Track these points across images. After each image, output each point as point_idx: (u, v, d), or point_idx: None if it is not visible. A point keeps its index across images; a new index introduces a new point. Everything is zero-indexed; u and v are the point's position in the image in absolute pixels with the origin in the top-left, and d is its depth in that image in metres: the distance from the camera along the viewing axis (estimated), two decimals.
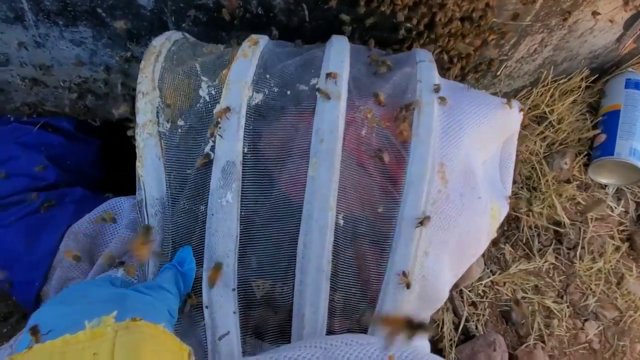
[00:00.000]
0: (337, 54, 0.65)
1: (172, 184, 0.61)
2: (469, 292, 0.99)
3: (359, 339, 0.50)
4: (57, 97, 0.90)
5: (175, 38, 0.69)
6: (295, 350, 0.46)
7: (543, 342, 0.96)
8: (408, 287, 0.56)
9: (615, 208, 1.13)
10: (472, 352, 0.89)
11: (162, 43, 0.68)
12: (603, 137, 1.11)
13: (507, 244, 1.07)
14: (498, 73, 1.02)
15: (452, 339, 0.92)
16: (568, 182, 1.14)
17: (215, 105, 0.61)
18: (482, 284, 1.01)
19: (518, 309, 1.00)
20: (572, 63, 1.15)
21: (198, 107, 0.62)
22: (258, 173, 0.59)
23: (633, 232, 1.13)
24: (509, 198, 0.71)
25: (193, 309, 0.60)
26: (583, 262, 1.06)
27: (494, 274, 1.02)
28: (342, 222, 0.57)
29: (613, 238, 1.10)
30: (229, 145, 0.58)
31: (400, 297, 0.57)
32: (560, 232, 1.10)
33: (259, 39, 0.67)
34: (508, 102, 0.66)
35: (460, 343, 0.92)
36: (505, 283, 1.03)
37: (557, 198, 1.10)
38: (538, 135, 1.14)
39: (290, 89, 0.62)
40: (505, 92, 1.15)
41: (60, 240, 0.72)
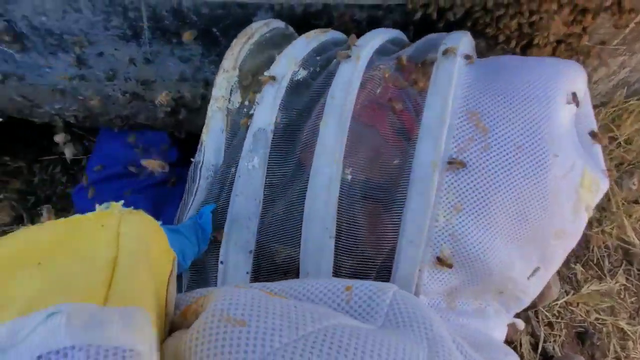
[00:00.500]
0: (373, 33, 0.61)
1: (226, 158, 0.60)
2: (545, 312, 0.93)
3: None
4: (150, 110, 0.92)
5: (274, 26, 0.65)
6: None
7: None
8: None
9: None
10: None
11: (259, 27, 0.64)
12: None
13: (577, 264, 1.01)
14: None
15: None
16: (637, 202, 1.06)
17: None
18: (557, 304, 0.94)
19: (594, 331, 0.92)
20: None
21: None
22: (285, 143, 0.56)
23: None
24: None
25: (209, 261, 0.56)
26: None
27: (568, 295, 0.97)
28: (349, 177, 0.51)
29: None
30: (264, 113, 0.56)
31: (417, 256, 0.48)
32: (631, 252, 1.02)
33: (330, 30, 0.64)
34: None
35: None
36: (579, 304, 0.97)
37: (626, 219, 1.02)
38: (607, 155, 1.05)
39: (329, 66, 0.58)
40: None
41: None
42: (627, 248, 1.02)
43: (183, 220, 0.59)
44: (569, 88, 0.51)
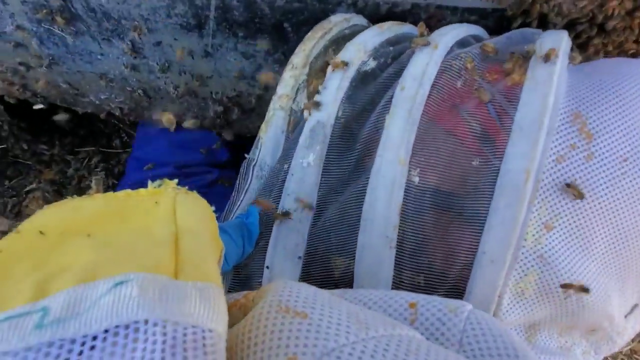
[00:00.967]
0: (455, 25, 0.55)
1: (281, 155, 0.55)
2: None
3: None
4: (201, 108, 0.87)
5: (355, 22, 0.59)
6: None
7: None
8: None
9: None
10: None
11: (338, 21, 0.58)
12: None
13: None
14: None
15: None
16: None
17: None
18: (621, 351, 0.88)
19: None
20: None
21: None
22: (346, 140, 0.50)
23: None
24: None
25: (253, 265, 0.51)
26: None
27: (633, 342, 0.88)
28: (416, 179, 0.44)
29: None
30: (324, 106, 0.51)
31: (499, 279, 0.41)
32: None
33: (407, 24, 0.59)
34: None
35: None
36: None
37: None
38: None
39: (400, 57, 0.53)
40: None
41: None
42: None
43: (230, 219, 0.55)
44: None
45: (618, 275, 0.44)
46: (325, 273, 0.49)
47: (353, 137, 0.50)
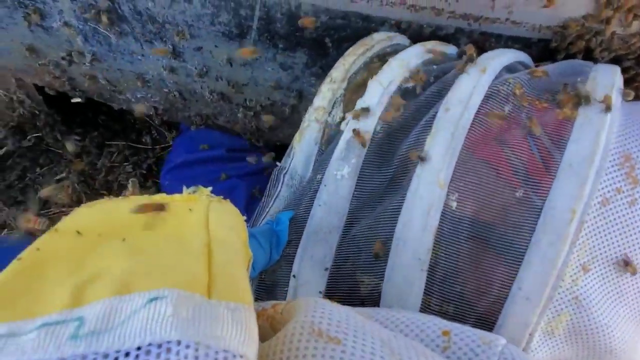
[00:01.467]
0: (502, 50, 0.54)
1: (315, 166, 0.55)
2: None
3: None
4: (233, 113, 0.87)
5: (397, 41, 0.59)
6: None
7: None
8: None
9: None
10: None
11: (381, 39, 0.58)
12: None
13: None
14: None
15: None
16: None
17: None
18: None
19: None
20: None
21: None
22: (382, 155, 0.49)
23: None
24: None
25: (279, 273, 0.51)
26: None
27: None
28: (454, 204, 0.43)
29: None
30: (363, 119, 0.50)
31: (532, 317, 0.40)
32: None
33: (450, 45, 0.58)
34: None
35: None
36: None
37: None
38: None
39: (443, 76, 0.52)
40: None
41: None
42: None
43: (259, 224, 0.54)
44: None
45: None
46: (352, 288, 0.48)
47: (390, 153, 0.49)
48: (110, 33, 0.69)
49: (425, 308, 0.44)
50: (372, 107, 0.50)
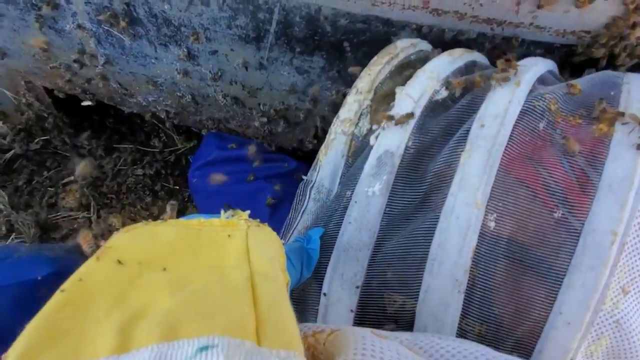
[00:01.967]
0: (534, 59, 0.52)
1: (343, 181, 0.54)
2: None
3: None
4: (246, 117, 0.86)
5: (422, 48, 0.58)
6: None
7: None
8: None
9: None
10: None
11: (405, 47, 0.57)
12: None
13: None
14: None
15: None
16: None
17: None
18: None
19: None
20: None
21: None
22: (414, 171, 0.48)
23: None
24: None
25: (310, 291, 0.50)
26: None
27: None
28: (492, 224, 0.42)
29: None
30: (394, 133, 0.48)
31: (573, 342, 0.39)
32: None
33: (476, 52, 0.57)
34: None
35: None
36: None
37: None
38: None
39: (473, 88, 0.50)
40: None
41: None
42: None
43: (287, 240, 0.54)
44: None
45: None
46: (384, 306, 0.47)
47: (422, 169, 0.47)
48: (124, 36, 0.68)
49: (461, 330, 0.42)
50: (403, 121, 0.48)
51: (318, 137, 0.80)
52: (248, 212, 0.37)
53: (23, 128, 1.01)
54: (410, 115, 0.48)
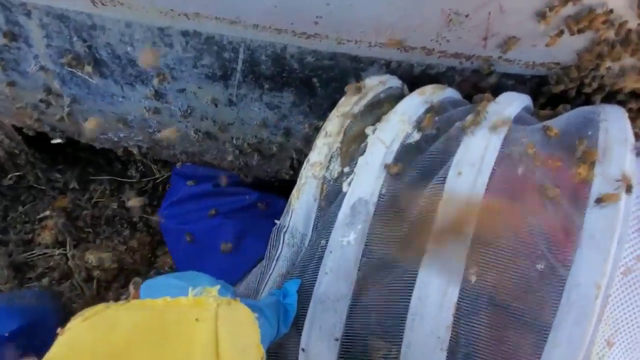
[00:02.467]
0: (508, 97, 0.51)
1: (318, 227, 0.52)
2: None
3: None
4: (220, 151, 0.84)
5: (391, 85, 0.55)
6: None
7: None
8: None
9: None
10: None
11: (373, 85, 0.55)
12: None
13: None
14: None
15: None
16: None
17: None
18: None
19: None
20: None
21: None
22: (390, 218, 0.46)
23: None
24: None
25: (288, 347, 0.49)
26: None
27: None
28: (473, 278, 0.40)
29: None
30: (367, 181, 0.47)
31: None
32: None
33: (447, 87, 0.55)
34: None
35: None
36: None
37: None
38: None
39: (448, 129, 0.49)
40: None
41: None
42: None
43: (261, 291, 0.51)
44: None
45: None
46: (365, 358, 0.45)
47: (399, 216, 0.45)
48: (89, 76, 0.66)
49: None
50: (375, 168, 0.47)
51: (294, 167, 0.78)
52: (218, 287, 0.35)
53: None
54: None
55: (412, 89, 0.55)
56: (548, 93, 0.58)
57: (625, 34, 0.48)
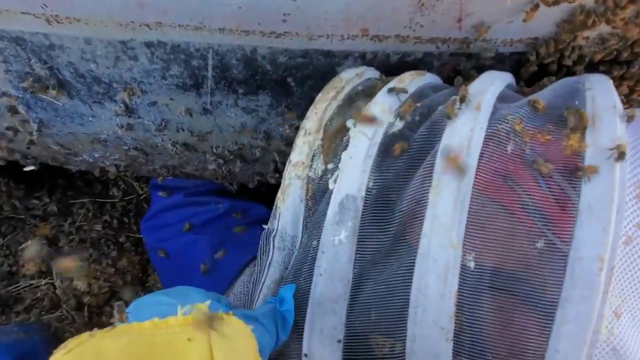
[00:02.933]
0: (489, 76, 0.49)
1: (308, 228, 0.51)
2: None
3: None
4: (201, 161, 0.81)
5: (368, 76, 0.54)
6: None
7: None
8: None
9: None
10: None
11: (350, 78, 0.53)
12: None
13: None
14: None
15: None
16: None
17: None
18: None
19: None
20: None
21: None
22: (381, 212, 0.45)
23: None
24: None
25: (290, 354, 0.47)
26: None
27: None
28: (472, 264, 0.39)
29: None
30: (352, 176, 0.45)
31: None
32: None
33: (426, 73, 0.53)
34: None
35: None
36: None
37: None
38: None
39: (431, 114, 0.47)
40: None
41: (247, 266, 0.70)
42: None
43: (255, 300, 0.50)
44: None
45: None
46: (370, 355, 0.44)
47: (389, 207, 0.44)
48: (54, 99, 0.63)
49: None
50: (359, 162, 0.45)
51: (279, 170, 0.76)
52: (208, 302, 0.34)
53: None
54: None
55: None
56: (529, 68, 0.57)
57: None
